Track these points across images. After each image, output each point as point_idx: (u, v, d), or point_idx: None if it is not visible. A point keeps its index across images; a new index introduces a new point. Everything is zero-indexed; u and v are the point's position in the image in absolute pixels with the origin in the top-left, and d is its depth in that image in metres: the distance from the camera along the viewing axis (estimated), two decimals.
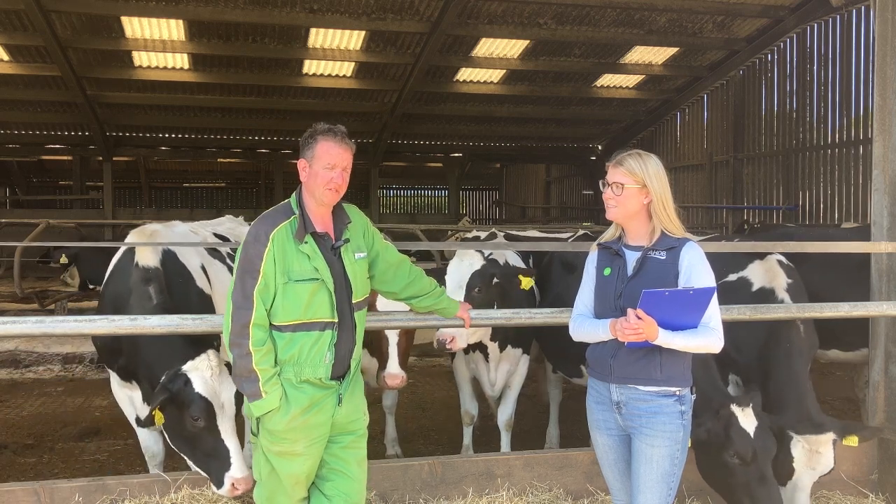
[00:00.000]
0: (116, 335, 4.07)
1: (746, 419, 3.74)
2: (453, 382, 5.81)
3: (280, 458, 3.26)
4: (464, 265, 4.83)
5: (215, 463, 3.66)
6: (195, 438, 3.69)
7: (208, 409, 3.62)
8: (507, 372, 5.47)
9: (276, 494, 3.33)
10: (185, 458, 3.84)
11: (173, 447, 3.89)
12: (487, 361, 5.37)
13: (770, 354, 4.42)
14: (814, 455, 3.95)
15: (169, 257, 4.53)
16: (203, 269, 4.81)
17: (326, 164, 3.21)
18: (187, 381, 3.66)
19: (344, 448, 3.38)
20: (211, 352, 3.78)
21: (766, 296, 4.68)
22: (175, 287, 4.41)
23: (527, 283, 4.88)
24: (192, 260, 4.76)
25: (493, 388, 5.50)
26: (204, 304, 4.58)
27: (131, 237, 4.64)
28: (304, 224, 3.24)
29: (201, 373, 3.68)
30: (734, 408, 3.75)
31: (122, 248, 4.62)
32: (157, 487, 4.02)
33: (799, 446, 3.95)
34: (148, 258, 4.34)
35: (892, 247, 4.70)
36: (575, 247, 5.14)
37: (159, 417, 3.66)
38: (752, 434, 3.71)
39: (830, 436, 3.98)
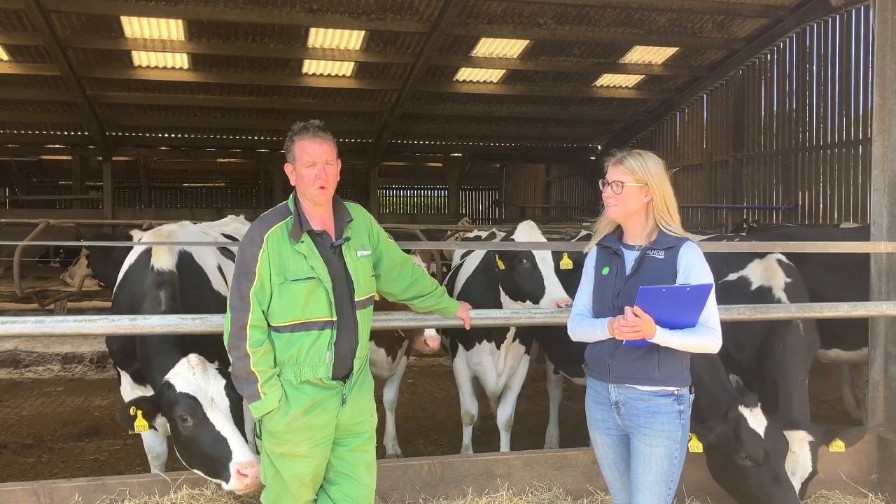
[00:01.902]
0: (117, 335, 4.07)
1: (755, 420, 3.72)
2: (453, 382, 5.81)
3: (283, 460, 3.25)
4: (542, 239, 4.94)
5: (218, 458, 3.52)
6: (195, 442, 3.57)
7: (194, 405, 3.54)
8: (510, 368, 5.46)
9: (281, 497, 3.30)
10: (200, 473, 3.72)
11: (188, 466, 3.78)
12: (498, 349, 5.34)
13: (766, 353, 4.42)
14: (789, 456, 3.88)
15: (185, 259, 4.46)
16: (220, 269, 4.74)
17: (306, 163, 3.19)
18: (170, 386, 3.60)
19: (351, 451, 3.36)
20: (191, 356, 3.72)
21: (764, 294, 4.68)
22: (191, 289, 4.36)
23: (565, 263, 4.91)
24: (209, 261, 4.70)
25: (497, 382, 5.45)
26: (221, 306, 4.43)
27: (148, 238, 4.60)
28: (300, 223, 3.22)
29: (183, 375, 3.63)
30: (742, 409, 3.74)
31: (137, 249, 4.57)
32: (156, 487, 4.02)
33: None
34: (164, 261, 4.27)
35: (892, 247, 4.70)
36: (574, 246, 5.14)
37: (141, 423, 3.60)
38: (762, 434, 3.70)
39: (804, 435, 3.95)
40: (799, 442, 3.93)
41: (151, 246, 4.36)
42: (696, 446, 3.67)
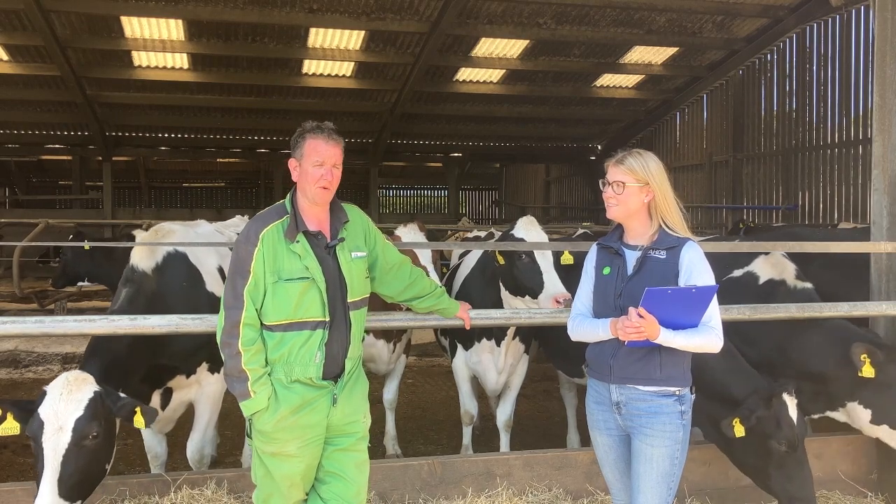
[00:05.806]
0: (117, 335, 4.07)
1: (793, 406, 3.81)
2: (453, 382, 5.81)
3: (273, 459, 3.25)
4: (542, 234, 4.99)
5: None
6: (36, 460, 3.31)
7: (38, 430, 3.31)
8: (510, 366, 5.46)
9: (272, 497, 3.30)
10: None
11: None
12: (498, 346, 5.34)
13: (799, 344, 4.49)
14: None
15: (174, 260, 4.43)
16: (221, 270, 4.68)
17: (315, 162, 3.20)
18: (42, 396, 3.40)
19: (341, 451, 3.35)
20: (72, 372, 3.49)
21: (775, 287, 4.68)
22: (178, 290, 4.34)
23: (566, 258, 4.96)
24: (208, 262, 4.65)
25: (497, 380, 5.44)
26: (213, 307, 4.31)
27: (148, 235, 4.60)
28: (296, 223, 3.22)
29: (57, 389, 3.39)
30: (786, 397, 3.79)
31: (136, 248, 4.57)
32: (156, 487, 4.03)
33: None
34: (139, 260, 4.27)
35: (892, 247, 4.70)
36: (575, 246, 5.15)
37: (10, 426, 3.39)
38: (796, 421, 3.79)
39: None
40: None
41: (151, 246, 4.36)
42: (740, 430, 3.73)
